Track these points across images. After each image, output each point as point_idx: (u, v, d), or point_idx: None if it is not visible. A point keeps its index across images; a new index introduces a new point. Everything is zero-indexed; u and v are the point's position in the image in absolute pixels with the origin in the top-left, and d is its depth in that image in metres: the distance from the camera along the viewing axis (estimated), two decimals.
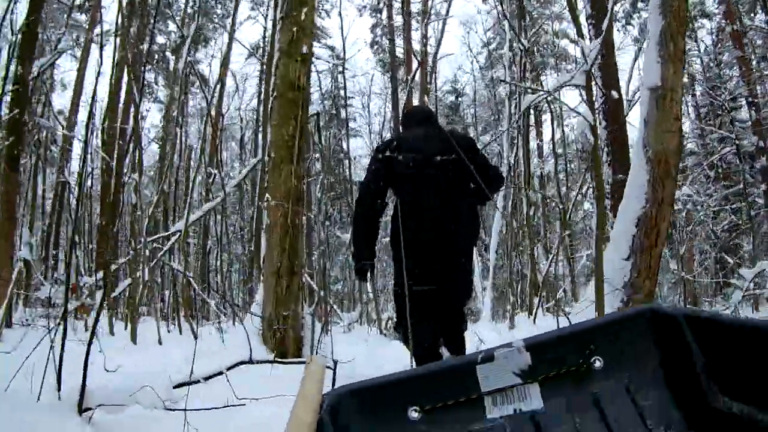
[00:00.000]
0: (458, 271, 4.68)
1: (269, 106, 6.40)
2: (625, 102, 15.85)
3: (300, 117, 6.02)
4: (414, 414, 1.67)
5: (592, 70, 5.96)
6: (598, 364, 1.71)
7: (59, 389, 3.14)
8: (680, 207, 16.36)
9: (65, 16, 22.07)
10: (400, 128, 5.59)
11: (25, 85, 10.25)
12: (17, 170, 9.85)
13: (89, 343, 3.32)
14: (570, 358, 1.72)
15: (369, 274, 4.94)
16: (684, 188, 15.03)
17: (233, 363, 3.52)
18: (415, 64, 22.69)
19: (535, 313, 11.56)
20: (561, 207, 13.51)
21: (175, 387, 3.63)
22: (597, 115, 6.09)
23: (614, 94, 8.91)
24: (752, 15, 22.76)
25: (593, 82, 6.00)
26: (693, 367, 1.60)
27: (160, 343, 8.24)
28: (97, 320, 3.68)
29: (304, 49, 6.28)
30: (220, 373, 3.57)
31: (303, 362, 3.01)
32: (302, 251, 6.45)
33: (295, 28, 6.30)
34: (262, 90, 23.45)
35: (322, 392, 1.61)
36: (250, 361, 3.62)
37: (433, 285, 4.51)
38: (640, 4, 24.28)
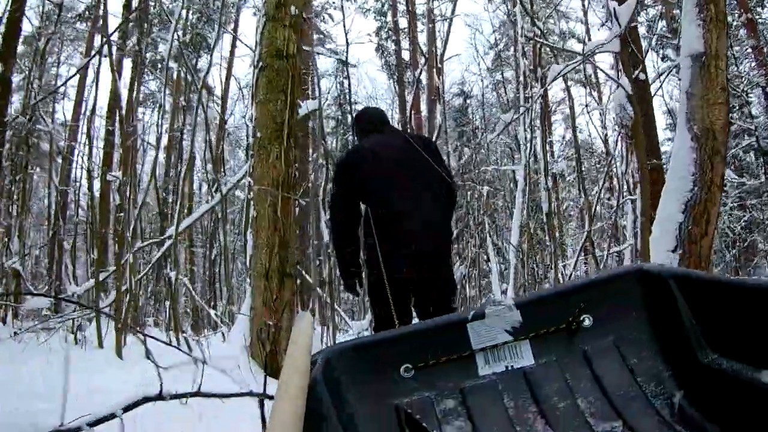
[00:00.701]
0: (442, 271, 4.63)
1: (254, 80, 5.61)
2: None
3: (290, 90, 5.19)
4: (406, 372, 1.73)
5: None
6: (587, 322, 1.76)
7: None
8: None
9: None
10: (355, 134, 5.26)
11: (7, 83, 9.73)
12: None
13: None
14: (560, 316, 1.76)
15: (359, 287, 4.80)
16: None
17: (131, 402, 2.61)
18: (422, 63, 22.05)
19: None
20: (586, 200, 12.73)
21: None
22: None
23: (641, 75, 8.13)
24: (760, 8, 22.15)
25: (629, 49, 5.22)
26: (682, 325, 1.63)
27: (148, 357, 7.60)
28: None
29: (293, 11, 5.39)
30: (113, 416, 2.61)
31: (246, 394, 2.32)
32: (295, 248, 5.60)
33: None
34: None
35: (311, 350, 1.65)
36: (160, 397, 2.67)
37: (415, 285, 4.48)
38: (647, 0, 23.61)
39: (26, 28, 16.71)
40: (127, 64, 22.66)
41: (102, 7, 11.34)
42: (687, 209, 5.29)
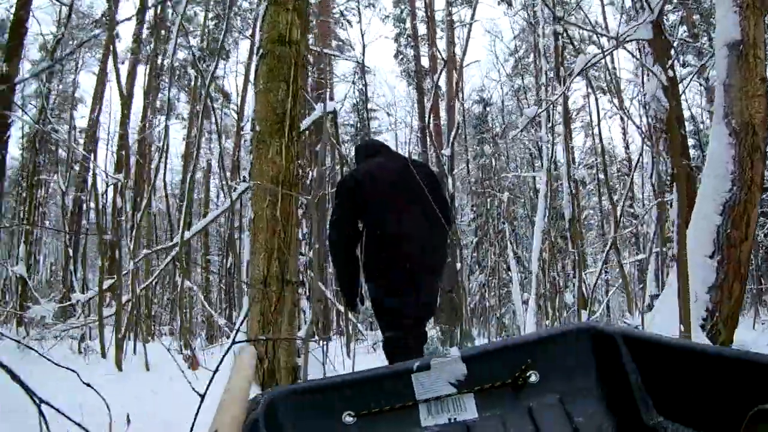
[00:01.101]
0: (430, 296, 4.75)
1: (254, 69, 5.22)
2: None
3: (292, 79, 4.78)
4: (348, 418, 1.73)
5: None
6: (534, 378, 1.74)
7: None
8: None
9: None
10: (355, 163, 5.33)
11: (11, 83, 9.49)
12: (1, 177, 8.97)
13: None
14: (506, 370, 1.75)
15: (360, 305, 4.96)
16: None
17: None
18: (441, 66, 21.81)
19: None
20: (611, 203, 12.30)
21: None
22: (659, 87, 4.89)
23: (669, 72, 7.71)
24: None
25: (662, 36, 4.83)
26: (629, 386, 1.61)
27: (148, 369, 7.31)
28: None
29: None
30: None
31: None
32: (298, 253, 5.20)
33: None
34: None
35: (250, 386, 1.56)
36: None
37: (410, 316, 4.57)
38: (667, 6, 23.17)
39: (43, 30, 16.74)
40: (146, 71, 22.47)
41: (109, 14, 11.10)
42: (725, 211, 4.91)
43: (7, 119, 8.94)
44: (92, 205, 18.28)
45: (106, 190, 12.00)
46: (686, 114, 19.14)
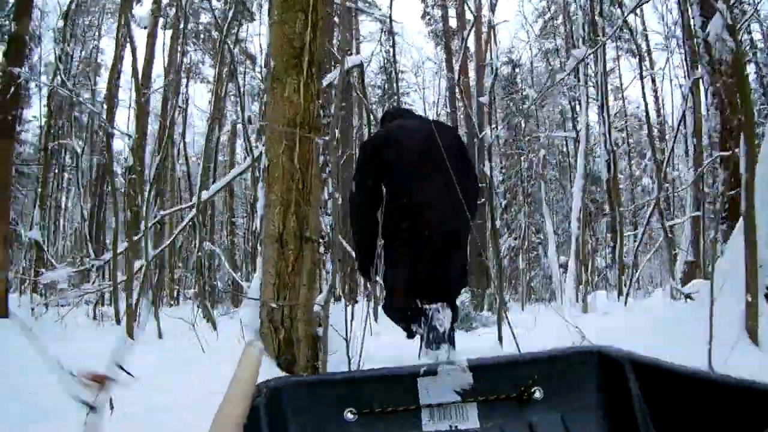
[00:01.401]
0: (454, 265, 4.65)
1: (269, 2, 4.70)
2: None
3: (311, 8, 4.18)
4: (349, 415, 1.73)
5: None
6: (538, 394, 1.74)
7: None
8: None
9: None
10: (380, 126, 5.35)
11: (22, 42, 9.30)
12: (10, 136, 8.70)
13: None
14: (511, 384, 1.76)
15: (374, 272, 5.04)
16: None
17: None
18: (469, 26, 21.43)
19: (627, 295, 10.02)
20: (657, 160, 11.76)
21: None
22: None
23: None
24: None
25: None
26: (633, 412, 1.61)
27: (161, 337, 7.01)
28: None
29: None
30: None
31: None
32: (318, 205, 4.65)
33: None
34: None
35: (256, 378, 1.58)
36: None
37: (430, 283, 4.50)
38: None
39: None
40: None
41: None
42: None
43: (16, 77, 8.63)
44: (116, 169, 18.28)
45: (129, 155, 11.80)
46: None
